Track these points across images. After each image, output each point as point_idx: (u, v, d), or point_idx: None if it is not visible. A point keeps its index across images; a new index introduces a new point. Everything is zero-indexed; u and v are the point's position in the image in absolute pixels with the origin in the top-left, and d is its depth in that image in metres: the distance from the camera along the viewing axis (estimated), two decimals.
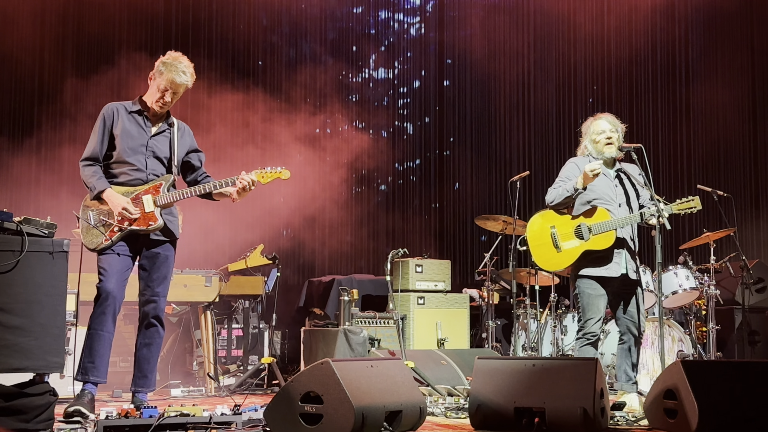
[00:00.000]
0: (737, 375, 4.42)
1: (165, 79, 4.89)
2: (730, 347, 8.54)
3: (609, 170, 5.54)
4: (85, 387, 4.74)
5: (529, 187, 10.80)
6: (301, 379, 4.10)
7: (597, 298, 5.36)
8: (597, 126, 5.54)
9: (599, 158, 5.50)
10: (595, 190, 5.44)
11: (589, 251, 5.37)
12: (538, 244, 5.55)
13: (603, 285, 5.38)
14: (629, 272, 5.41)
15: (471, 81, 11.26)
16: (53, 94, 8.85)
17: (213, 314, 7.07)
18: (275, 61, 10.28)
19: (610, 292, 5.41)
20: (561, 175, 5.58)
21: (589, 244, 5.35)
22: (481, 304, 8.62)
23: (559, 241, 5.47)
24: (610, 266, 5.36)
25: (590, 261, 5.38)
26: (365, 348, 6.75)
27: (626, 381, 5.41)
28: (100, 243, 4.83)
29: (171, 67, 4.88)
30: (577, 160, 5.59)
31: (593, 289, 5.37)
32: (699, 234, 7.94)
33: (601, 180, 5.46)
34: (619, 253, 5.38)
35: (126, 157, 4.93)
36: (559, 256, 5.47)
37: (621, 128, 5.57)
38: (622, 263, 5.39)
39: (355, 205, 10.47)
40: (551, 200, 5.49)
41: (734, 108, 11.57)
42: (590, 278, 5.37)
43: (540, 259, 5.57)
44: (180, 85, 4.92)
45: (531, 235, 5.62)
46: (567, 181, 5.44)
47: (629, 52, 11.58)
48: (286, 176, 5.02)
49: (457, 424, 4.75)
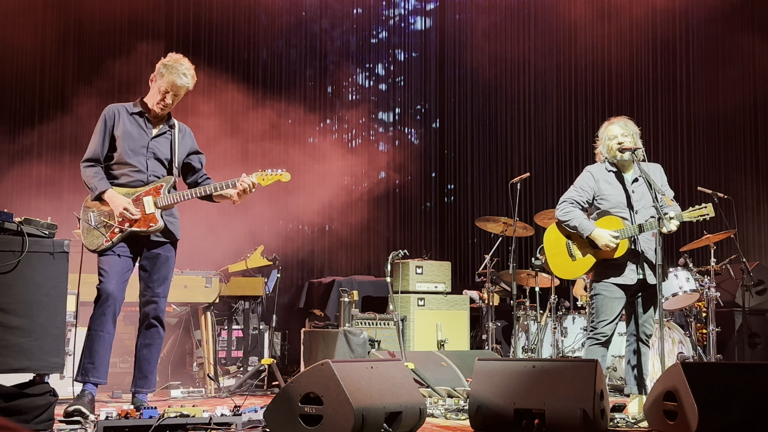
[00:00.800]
0: (737, 377, 4.42)
1: (166, 81, 4.90)
2: (731, 349, 8.54)
3: (626, 176, 5.53)
4: (85, 388, 4.74)
5: (529, 188, 10.80)
6: (300, 380, 4.10)
7: (613, 300, 5.36)
8: (610, 131, 5.55)
9: (614, 162, 5.49)
10: (610, 199, 5.45)
11: (603, 260, 5.40)
12: (554, 253, 5.62)
13: (622, 289, 5.39)
14: (647, 277, 5.39)
15: (472, 84, 11.26)
16: (54, 94, 8.86)
17: (213, 315, 7.07)
18: (273, 60, 10.26)
19: (629, 296, 5.42)
20: (576, 183, 5.60)
21: (601, 253, 5.38)
22: (482, 306, 8.62)
23: (573, 251, 5.51)
24: (625, 274, 5.37)
25: (606, 269, 5.41)
26: (365, 349, 6.75)
27: (634, 384, 5.41)
28: (101, 244, 4.84)
29: (172, 70, 4.89)
30: (593, 168, 5.59)
31: (610, 292, 5.37)
32: (699, 236, 7.94)
33: (615, 188, 5.47)
34: (634, 260, 5.39)
35: (127, 158, 4.94)
36: (573, 265, 5.54)
37: (636, 131, 5.55)
38: (637, 269, 5.39)
39: (356, 206, 10.47)
40: (563, 220, 5.51)
41: (735, 110, 11.58)
42: (608, 283, 5.40)
43: (556, 268, 5.66)
44: (181, 88, 4.93)
45: (548, 244, 5.69)
46: (581, 217, 5.43)
47: (629, 53, 11.58)
48: (286, 179, 5.03)
49: (456, 425, 4.75)
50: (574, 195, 5.53)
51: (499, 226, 8.10)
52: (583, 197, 5.51)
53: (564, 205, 5.53)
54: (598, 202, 5.50)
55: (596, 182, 5.50)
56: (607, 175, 5.51)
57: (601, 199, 5.48)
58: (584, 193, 5.51)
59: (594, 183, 5.50)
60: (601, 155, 5.60)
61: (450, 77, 11.19)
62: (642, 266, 5.38)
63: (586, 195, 5.51)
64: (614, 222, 5.37)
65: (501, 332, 9.05)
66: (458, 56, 11.24)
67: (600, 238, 5.31)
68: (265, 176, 4.99)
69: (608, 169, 5.52)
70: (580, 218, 5.43)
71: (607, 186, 5.47)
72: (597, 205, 5.50)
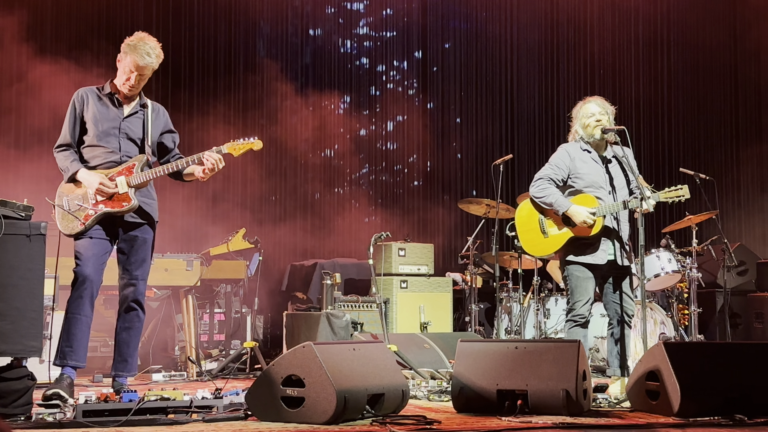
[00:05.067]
0: (719, 356, 4.45)
1: (129, 61, 4.84)
2: (712, 330, 8.60)
3: (600, 156, 5.51)
4: (63, 371, 4.71)
5: (512, 170, 10.77)
6: (282, 363, 4.08)
7: (585, 280, 5.36)
8: (586, 109, 5.51)
9: (589, 141, 5.47)
10: (585, 177, 5.43)
11: (575, 238, 5.37)
12: (526, 229, 5.58)
13: (591, 270, 5.37)
14: (617, 258, 5.40)
15: (454, 64, 11.19)
16: (28, 77, 8.71)
17: (194, 299, 7.02)
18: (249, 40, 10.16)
19: (598, 276, 5.41)
20: (551, 161, 5.55)
21: (575, 230, 5.35)
22: (464, 288, 8.62)
23: (546, 227, 5.48)
24: (597, 254, 5.35)
25: (577, 247, 5.38)
26: (348, 332, 6.74)
27: (617, 366, 5.41)
28: (75, 228, 4.80)
29: (135, 49, 4.82)
30: (568, 147, 5.55)
31: (581, 272, 5.36)
32: (681, 217, 7.96)
33: (590, 168, 5.45)
34: (606, 240, 5.37)
35: (99, 140, 4.89)
36: (545, 242, 5.50)
37: (611, 111, 5.54)
38: (609, 249, 5.38)
39: (338, 187, 10.43)
40: (538, 197, 5.47)
41: (716, 90, 11.62)
42: (578, 263, 5.38)
43: (527, 244, 5.63)
44: (145, 68, 4.86)
45: (519, 220, 5.65)
46: (557, 194, 5.38)
47: (612, 33, 11.58)
48: (258, 146, 4.98)
49: (439, 407, 4.74)
50: (550, 172, 5.49)
51: (482, 208, 8.08)
52: (559, 175, 5.48)
53: (540, 182, 5.49)
54: (572, 180, 5.47)
55: (572, 160, 5.46)
56: (582, 154, 5.48)
57: (576, 178, 5.45)
58: (560, 171, 5.48)
59: (570, 161, 5.47)
60: (576, 134, 5.57)
61: (433, 57, 11.09)
62: (614, 246, 5.38)
63: (562, 173, 5.48)
64: (589, 200, 5.35)
65: (484, 314, 9.04)
66: (440, 37, 11.16)
67: (577, 215, 5.29)
68: (236, 146, 4.94)
69: (583, 147, 5.50)
70: (556, 195, 5.40)
71: (582, 165, 5.45)
72: (571, 184, 5.47)
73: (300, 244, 9.98)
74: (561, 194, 5.41)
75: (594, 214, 5.29)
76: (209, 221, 8.84)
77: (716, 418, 4.12)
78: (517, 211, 5.71)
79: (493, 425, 3.98)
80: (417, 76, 11.04)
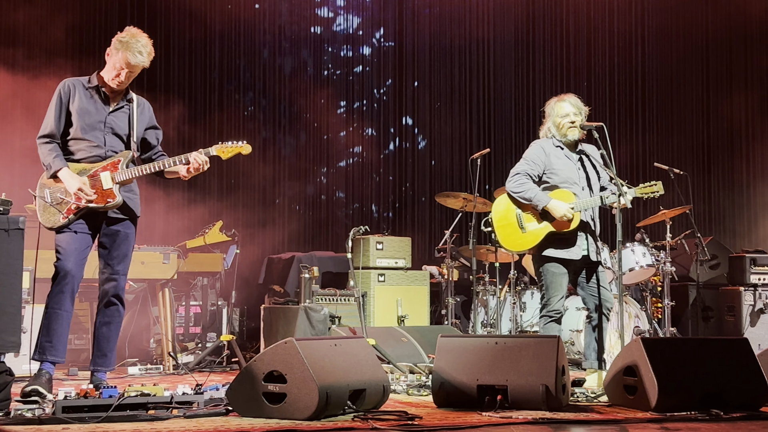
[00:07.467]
0: (696, 352, 4.51)
1: (120, 57, 4.77)
2: (684, 323, 8.70)
3: (572, 153, 5.57)
4: (42, 366, 4.65)
5: (489, 164, 10.81)
6: (264, 358, 4.07)
7: (560, 276, 5.43)
8: (561, 109, 5.55)
9: (562, 140, 5.52)
10: (559, 173, 5.48)
11: (553, 233, 5.41)
12: (504, 224, 5.60)
13: (565, 266, 5.43)
14: (590, 254, 5.47)
15: (430, 58, 11.18)
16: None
17: (171, 291, 6.99)
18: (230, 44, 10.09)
19: (571, 272, 5.47)
20: (526, 157, 5.58)
21: (554, 225, 5.40)
22: (441, 281, 8.65)
23: (524, 222, 5.50)
24: (572, 249, 5.41)
25: (553, 243, 5.43)
26: (326, 325, 6.74)
27: (594, 359, 5.47)
28: (57, 221, 4.74)
29: (127, 46, 4.75)
30: (543, 143, 5.59)
31: (557, 268, 5.43)
32: (656, 211, 8.04)
33: (565, 164, 5.50)
34: (581, 236, 5.44)
35: (84, 134, 4.82)
36: (523, 237, 5.52)
37: (585, 110, 5.59)
38: (583, 245, 5.45)
39: (315, 181, 10.41)
40: (516, 192, 5.48)
41: (688, 86, 11.72)
42: (553, 258, 5.42)
43: (505, 239, 5.62)
44: (135, 66, 4.80)
45: (496, 215, 5.66)
46: (536, 189, 5.42)
47: (587, 29, 11.64)
48: (247, 151, 4.97)
49: (419, 401, 4.76)
50: (527, 168, 5.53)
51: (459, 201, 8.10)
52: (535, 171, 5.52)
53: (518, 177, 5.51)
54: (547, 176, 5.51)
55: (546, 156, 5.51)
56: (555, 150, 5.54)
57: (552, 173, 5.50)
58: (536, 166, 5.52)
59: (545, 157, 5.51)
60: (549, 131, 5.60)
61: (409, 51, 11.07)
62: (587, 241, 5.44)
63: (538, 169, 5.52)
64: (566, 195, 5.41)
65: (460, 307, 9.08)
66: (417, 30, 11.14)
67: (557, 209, 5.33)
68: (225, 149, 4.91)
69: (555, 144, 5.56)
70: (534, 190, 5.44)
71: (557, 161, 5.51)
72: (546, 180, 5.52)
73: (278, 236, 9.94)
74: (539, 189, 5.45)
75: (573, 208, 5.34)
76: (186, 213, 8.78)
77: (693, 413, 4.18)
78: (493, 206, 5.73)
79: (473, 420, 4.02)
80: (392, 64, 11.00)
